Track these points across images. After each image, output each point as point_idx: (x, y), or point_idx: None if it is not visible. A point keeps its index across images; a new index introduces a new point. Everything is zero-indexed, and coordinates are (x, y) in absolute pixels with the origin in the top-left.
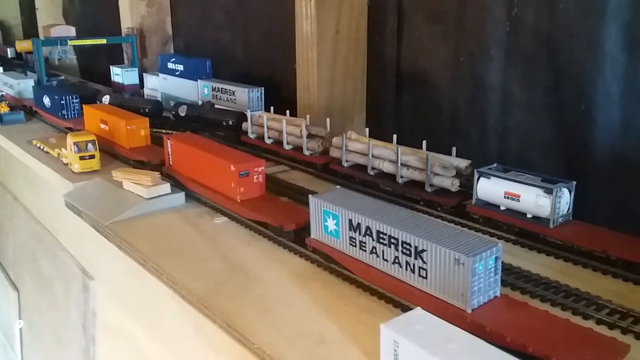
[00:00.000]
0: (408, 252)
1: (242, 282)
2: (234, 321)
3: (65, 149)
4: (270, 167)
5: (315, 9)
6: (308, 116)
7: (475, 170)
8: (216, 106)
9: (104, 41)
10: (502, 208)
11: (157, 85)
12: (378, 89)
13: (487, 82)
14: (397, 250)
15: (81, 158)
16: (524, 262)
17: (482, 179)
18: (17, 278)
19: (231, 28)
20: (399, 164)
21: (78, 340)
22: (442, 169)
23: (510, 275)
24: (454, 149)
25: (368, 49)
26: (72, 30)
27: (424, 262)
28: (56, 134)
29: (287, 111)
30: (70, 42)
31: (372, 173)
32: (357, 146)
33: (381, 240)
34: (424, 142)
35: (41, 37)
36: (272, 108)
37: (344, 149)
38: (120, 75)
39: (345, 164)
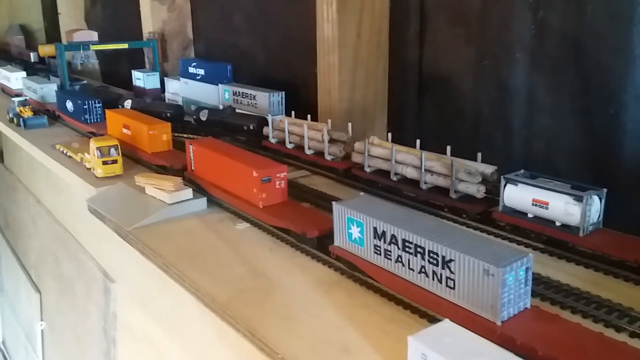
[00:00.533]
0: (435, 262)
1: (265, 289)
2: (257, 329)
3: (88, 153)
4: (292, 172)
5: (337, 12)
6: (330, 121)
7: (501, 176)
8: (237, 111)
9: (125, 46)
10: (529, 216)
11: (178, 89)
12: (400, 92)
13: (511, 85)
14: (423, 259)
15: (104, 163)
16: (552, 272)
17: (509, 186)
18: (39, 280)
19: (251, 32)
20: (423, 170)
21: (99, 343)
22: (468, 175)
23: (539, 285)
24: (479, 155)
25: (390, 52)
26: (94, 35)
27: (451, 272)
28: (79, 138)
29: (309, 115)
30: (92, 47)
31: (395, 179)
32: (380, 151)
33: (407, 249)
34: (448, 147)
35: (64, 41)
36: (293, 112)
37: (367, 154)
38: (142, 79)
39: (368, 170)
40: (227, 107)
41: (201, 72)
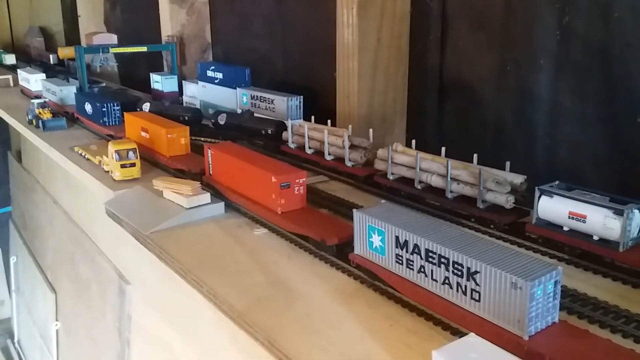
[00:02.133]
0: (459, 273)
1: (284, 297)
2: (277, 339)
3: (107, 156)
4: (310, 177)
5: (357, 17)
6: (350, 126)
7: (536, 187)
8: (255, 115)
9: (144, 49)
10: (565, 229)
11: (196, 93)
12: (419, 98)
13: (535, 92)
14: (447, 270)
15: (122, 166)
16: (579, 284)
17: (543, 198)
18: (55, 280)
19: (270, 36)
20: (449, 178)
21: (113, 344)
22: (496, 185)
23: (566, 298)
24: (507, 164)
25: (410, 57)
26: (114, 38)
27: (476, 284)
28: (97, 140)
29: (329, 121)
30: (112, 50)
31: (419, 187)
32: (404, 159)
33: (430, 259)
34: (475, 155)
35: (83, 44)
36: (312, 117)
37: (390, 162)
38: (160, 82)
39: (391, 177)
40: (246, 111)
41: (219, 75)
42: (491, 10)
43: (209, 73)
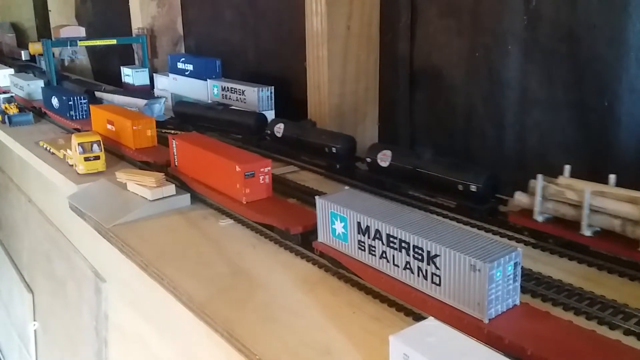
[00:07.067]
0: (420, 257)
1: (246, 287)
2: (236, 330)
3: (71, 150)
4: (278, 167)
5: (326, 4)
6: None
7: None
8: (432, 157)
9: (114, 42)
10: None
11: (167, 85)
12: (391, 86)
13: (504, 78)
14: (408, 255)
15: (86, 159)
16: (544, 267)
17: None
18: (32, 280)
19: (242, 27)
20: None
21: (91, 343)
22: None
23: (530, 282)
24: None
25: (380, 45)
26: (81, 31)
27: (437, 268)
28: (64, 135)
29: (612, 176)
30: (80, 43)
31: None
32: None
33: (391, 245)
34: None
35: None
36: (567, 167)
37: None
38: (131, 75)
39: None
40: (425, 151)
41: (190, 67)
42: None
43: (180, 65)
